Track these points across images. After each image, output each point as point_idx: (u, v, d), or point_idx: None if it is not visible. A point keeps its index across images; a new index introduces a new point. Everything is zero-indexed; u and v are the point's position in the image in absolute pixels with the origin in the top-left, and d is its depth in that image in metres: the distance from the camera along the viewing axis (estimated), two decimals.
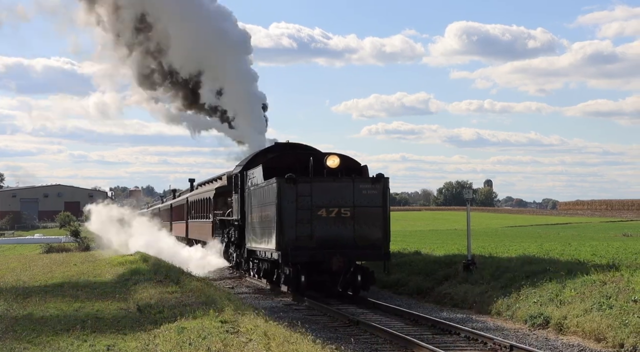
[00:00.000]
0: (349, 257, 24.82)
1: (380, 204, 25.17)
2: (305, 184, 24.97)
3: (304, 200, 24.87)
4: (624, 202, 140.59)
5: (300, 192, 24.88)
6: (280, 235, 24.85)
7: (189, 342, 13.24)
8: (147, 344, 13.59)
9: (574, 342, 16.99)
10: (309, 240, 24.83)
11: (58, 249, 60.82)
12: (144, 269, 28.42)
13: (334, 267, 24.58)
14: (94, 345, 13.81)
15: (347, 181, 25.28)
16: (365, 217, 25.04)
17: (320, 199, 24.94)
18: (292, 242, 24.77)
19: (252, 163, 30.00)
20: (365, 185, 25.20)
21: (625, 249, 31.56)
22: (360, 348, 16.43)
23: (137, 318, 16.84)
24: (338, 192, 25.04)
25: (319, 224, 24.86)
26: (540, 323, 18.93)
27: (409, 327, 19.41)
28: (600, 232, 64.34)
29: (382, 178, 25.20)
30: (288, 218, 24.80)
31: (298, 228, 24.80)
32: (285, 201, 24.86)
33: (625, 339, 15.92)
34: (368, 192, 25.15)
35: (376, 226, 25.12)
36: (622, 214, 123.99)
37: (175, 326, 14.97)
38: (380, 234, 25.12)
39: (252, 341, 13.17)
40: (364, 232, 25.02)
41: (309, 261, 24.86)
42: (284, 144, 30.55)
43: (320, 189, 24.99)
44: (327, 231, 24.88)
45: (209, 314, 15.90)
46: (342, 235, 24.95)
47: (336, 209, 24.98)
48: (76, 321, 16.68)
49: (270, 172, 26.73)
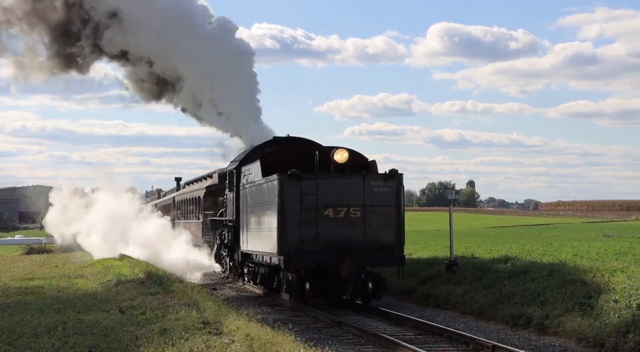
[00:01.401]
0: (360, 262, 21.70)
1: (393, 202, 22.06)
2: (311, 180, 21.81)
3: (308, 199, 21.72)
4: (604, 202, 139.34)
5: (304, 189, 21.73)
6: (283, 237, 21.71)
7: (172, 343, 12.88)
8: (129, 346, 13.26)
9: (556, 343, 16.62)
10: (315, 243, 21.69)
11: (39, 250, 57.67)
12: (127, 271, 26.96)
13: (343, 274, 21.45)
14: (75, 347, 13.41)
15: (356, 177, 22.14)
16: (377, 218, 21.94)
17: (327, 198, 21.80)
18: (295, 245, 21.64)
19: (249, 158, 26.81)
20: (377, 182, 22.08)
21: (606, 250, 30.80)
22: (343, 349, 16.05)
23: (119, 320, 16.30)
24: (347, 190, 21.92)
25: (325, 226, 21.72)
26: (522, 323, 18.59)
27: (391, 328, 18.90)
28: (581, 233, 63.34)
29: (396, 174, 22.08)
30: (291, 219, 21.66)
31: (302, 230, 21.66)
32: (288, 200, 21.72)
33: (606, 339, 15.63)
34: (380, 190, 22.03)
35: (389, 227, 22.01)
36: (602, 215, 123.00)
37: (158, 327, 14.65)
38: (394, 236, 22.01)
39: (235, 342, 12.91)
40: (375, 234, 21.91)
41: (314, 266, 21.71)
42: (283, 138, 27.35)
43: (327, 186, 21.86)
44: (334, 233, 21.75)
45: (192, 316, 15.54)
46: (352, 237, 21.83)
47: (345, 208, 21.85)
48: (57, 322, 16.17)
49: (269, 168, 23.56)
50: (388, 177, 22.05)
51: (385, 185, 22.04)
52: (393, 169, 22.07)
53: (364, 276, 21.87)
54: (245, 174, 26.03)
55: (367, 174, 22.35)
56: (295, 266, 21.63)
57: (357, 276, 21.73)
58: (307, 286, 21.85)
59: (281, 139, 27.29)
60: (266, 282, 25.14)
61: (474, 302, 21.60)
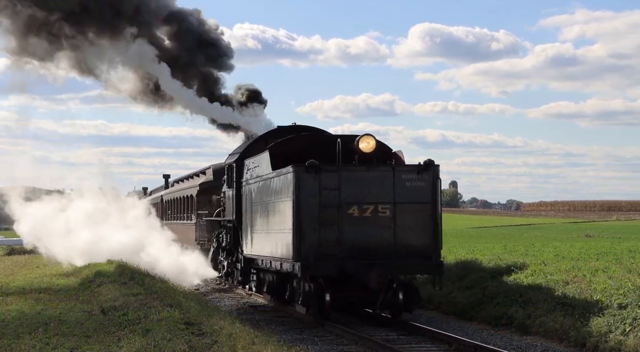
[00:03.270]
0: (391, 270, 17.70)
1: (429, 199, 18.05)
2: (332, 173, 17.78)
3: (329, 194, 17.70)
4: (586, 203, 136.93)
5: (325, 184, 17.71)
6: (299, 240, 17.68)
7: (154, 344, 12.48)
8: (111, 347, 12.81)
9: (537, 343, 16.16)
10: (337, 247, 17.67)
11: (20, 251, 53.64)
12: (109, 271, 25.01)
13: (372, 283, 17.43)
14: (57, 348, 13.01)
15: (385, 169, 18.13)
16: (409, 217, 17.93)
17: (351, 193, 17.79)
18: (314, 249, 17.62)
19: (252, 150, 22.72)
20: (409, 174, 18.05)
21: (588, 250, 30.17)
22: (326, 349, 15.53)
23: (101, 321, 15.78)
24: (374, 185, 17.92)
25: (349, 226, 17.71)
26: (504, 323, 18.07)
27: (373, 328, 17.82)
28: (563, 233, 62.69)
29: (432, 166, 18.08)
30: (309, 218, 17.64)
31: (322, 231, 17.64)
32: (304, 196, 17.70)
33: (587, 338, 15.28)
34: (413, 184, 18.01)
35: (424, 228, 18.01)
36: (584, 215, 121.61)
37: (140, 328, 14.11)
38: (429, 239, 18.01)
39: (218, 343, 12.57)
40: (408, 236, 17.91)
41: (337, 274, 17.70)
42: (289, 127, 23.25)
43: (350, 180, 17.85)
44: (360, 235, 17.75)
45: (174, 316, 15.02)
46: (380, 240, 17.82)
47: (372, 206, 17.83)
48: (39, 323, 15.62)
49: (279, 159, 19.51)
50: (422, 169, 18.04)
51: (419, 178, 18.03)
52: (429, 160, 18.07)
53: (395, 285, 17.85)
54: (249, 168, 21.94)
55: (399, 165, 18.34)
56: (314, 273, 17.61)
57: (388, 287, 17.72)
58: (328, 298, 17.84)
59: (287, 128, 23.19)
60: (274, 291, 21.09)
61: (457, 302, 20.58)
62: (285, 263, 18.59)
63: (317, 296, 17.84)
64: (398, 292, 17.94)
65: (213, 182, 30.05)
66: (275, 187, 19.17)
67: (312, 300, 17.85)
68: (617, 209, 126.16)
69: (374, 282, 17.38)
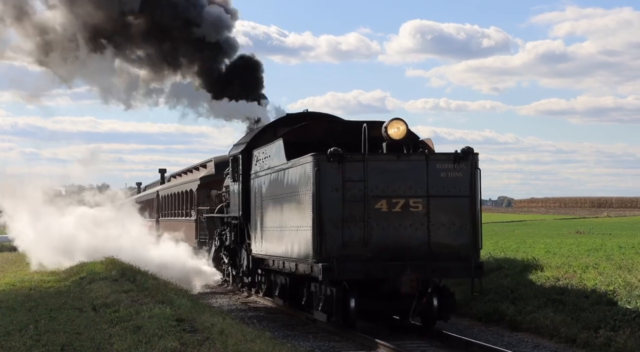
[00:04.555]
0: (425, 273, 15.17)
1: (467, 192, 15.55)
2: (357, 163, 15.27)
3: (354, 187, 15.20)
4: (576, 199, 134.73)
5: (349, 175, 15.20)
6: (320, 239, 15.15)
7: (145, 341, 12.07)
8: (102, 344, 12.45)
9: (528, 339, 15.66)
10: (363, 247, 15.18)
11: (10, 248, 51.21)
12: (100, 267, 23.98)
13: (404, 288, 14.91)
14: (48, 345, 12.60)
15: (418, 158, 15.62)
16: (445, 213, 15.45)
17: (378, 186, 15.30)
18: (337, 250, 15.12)
19: (260, 140, 20.17)
20: (445, 164, 15.52)
21: (578, 246, 29.58)
22: (317, 345, 14.84)
23: (92, 318, 15.49)
24: (405, 176, 15.42)
25: (377, 223, 15.23)
26: (495, 319, 17.43)
27: (366, 325, 16.61)
28: (553, 230, 60.36)
29: (471, 154, 15.57)
30: (331, 214, 15.16)
31: (346, 229, 15.15)
32: (326, 189, 15.20)
33: (578, 334, 14.95)
34: (449, 175, 15.50)
35: (462, 225, 15.51)
36: (575, 212, 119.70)
37: (131, 325, 13.70)
38: (468, 238, 15.50)
39: (209, 339, 12.06)
40: (443, 234, 15.41)
41: (363, 278, 15.18)
42: (301, 114, 20.66)
43: (378, 170, 15.34)
44: (389, 234, 15.27)
45: (166, 313, 14.53)
46: (412, 239, 15.33)
47: (402, 200, 15.32)
48: (29, 320, 15.31)
49: (294, 148, 16.99)
50: (460, 158, 15.51)
51: (455, 168, 15.51)
52: (467, 147, 15.55)
53: (430, 290, 15.33)
54: (258, 159, 19.38)
55: (433, 153, 15.82)
56: (337, 277, 15.08)
57: (422, 292, 15.19)
58: (353, 304, 15.31)
59: (299, 116, 20.62)
60: (287, 295, 18.56)
61: None
62: (302, 264, 16.10)
63: (341, 302, 15.32)
64: (432, 297, 15.42)
65: (215, 175, 27.45)
66: (291, 179, 16.65)
67: (336, 306, 15.33)
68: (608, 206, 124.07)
69: (406, 286, 14.88)
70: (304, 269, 16.13)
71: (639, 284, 17.54)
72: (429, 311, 15.51)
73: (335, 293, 15.32)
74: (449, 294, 15.69)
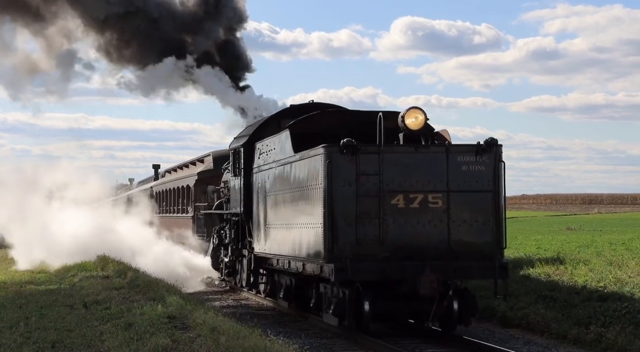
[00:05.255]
0: (445, 273, 13.87)
1: (490, 186, 14.25)
2: (372, 155, 13.96)
3: (369, 181, 13.90)
4: (567, 196, 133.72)
5: (363, 168, 13.90)
6: (332, 238, 13.84)
7: (137, 338, 11.88)
8: (93, 341, 12.22)
9: (519, 335, 15.37)
10: (378, 246, 13.88)
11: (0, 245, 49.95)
12: (91, 264, 23.67)
13: (423, 290, 13.61)
14: (38, 342, 12.34)
15: (437, 150, 14.32)
16: (466, 209, 14.15)
17: (395, 180, 14.01)
18: (350, 249, 13.82)
19: (263, 131, 18.82)
20: (466, 156, 14.22)
21: (569, 243, 29.68)
22: (309, 342, 14.26)
23: (83, 315, 15.09)
24: (423, 169, 14.12)
25: (393, 220, 13.93)
26: (487, 316, 16.97)
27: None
28: (544, 226, 60.49)
29: (495, 146, 14.27)
30: (343, 210, 13.87)
31: (360, 227, 13.85)
32: (338, 183, 13.90)
33: (568, 330, 14.60)
34: (471, 169, 14.20)
35: (484, 222, 14.21)
36: (565, 208, 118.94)
37: (123, 322, 13.36)
38: (491, 235, 14.21)
39: (201, 337, 11.84)
40: (465, 232, 14.12)
41: (379, 279, 13.87)
42: (307, 105, 19.30)
43: (394, 163, 14.05)
44: (406, 231, 13.97)
45: (157, 310, 14.12)
46: (431, 237, 14.04)
47: (420, 195, 14.02)
48: (20, 317, 14.93)
49: (301, 140, 15.69)
50: (482, 150, 14.20)
51: (478, 161, 14.21)
52: (490, 138, 14.24)
53: (451, 292, 14.01)
54: (262, 152, 18.05)
55: (453, 145, 14.50)
56: (351, 278, 13.77)
57: (443, 294, 13.89)
58: (367, 307, 13.99)
59: (304, 106, 19.26)
60: (292, 297, 17.25)
61: None
62: (311, 264, 14.82)
63: (353, 305, 14.02)
64: (453, 300, 14.12)
65: (213, 170, 26.10)
66: (299, 173, 15.33)
67: (349, 309, 14.02)
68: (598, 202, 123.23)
69: (425, 288, 13.58)
70: (313, 269, 14.84)
71: (629, 280, 17.34)
72: (449, 314, 14.21)
73: (348, 295, 14.02)
74: (470, 297, 14.39)
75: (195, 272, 24.79)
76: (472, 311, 14.38)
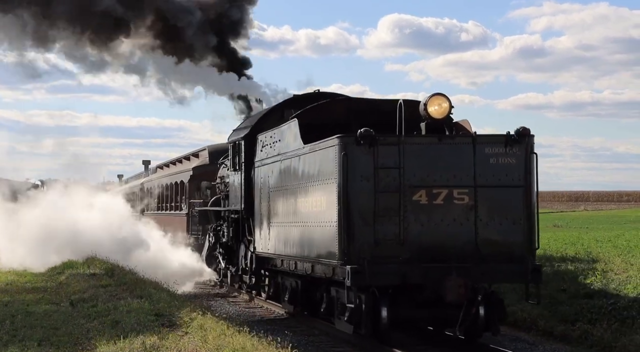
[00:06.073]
0: (473, 277, 12.37)
1: (521, 181, 12.75)
2: (391, 146, 12.44)
3: (388, 175, 12.38)
4: (554, 193, 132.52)
5: (382, 160, 12.38)
6: (348, 238, 12.31)
7: (123, 336, 11.61)
8: (80, 339, 12.05)
9: (506, 332, 14.58)
10: (399, 247, 12.35)
11: None
12: (77, 262, 22.96)
13: (450, 296, 12.11)
14: (25, 340, 12.13)
15: (463, 140, 12.81)
16: (495, 206, 12.63)
17: (417, 174, 12.48)
18: (368, 250, 12.29)
19: (266, 122, 17.29)
20: (495, 148, 12.71)
21: (556, 240, 29.13)
22: (296, 340, 13.82)
23: (69, 312, 14.76)
24: (448, 162, 12.61)
25: (415, 218, 12.41)
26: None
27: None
28: None
29: (527, 136, 12.77)
30: (360, 207, 12.35)
31: (379, 225, 12.32)
32: (355, 177, 12.37)
33: (555, 327, 14.59)
34: (500, 161, 12.71)
35: (515, 220, 12.71)
36: (552, 206, 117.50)
37: (110, 319, 13.26)
38: (522, 235, 12.72)
39: (188, 334, 11.72)
40: (493, 231, 12.61)
41: (399, 283, 12.36)
42: (312, 95, 17.73)
43: (416, 155, 12.53)
44: (429, 230, 12.45)
45: (144, 308, 14.12)
46: (456, 237, 12.52)
47: (445, 190, 12.51)
48: (6, 315, 14.53)
49: (310, 131, 14.18)
50: (514, 141, 12.71)
51: (507, 153, 12.71)
52: (522, 128, 12.75)
53: (480, 298, 12.51)
54: (265, 144, 16.50)
55: (481, 135, 12.98)
56: (370, 282, 12.25)
57: (471, 300, 12.38)
58: (385, 314, 12.48)
59: (309, 96, 17.71)
60: (298, 300, 15.74)
61: None
62: (321, 266, 13.38)
63: (370, 312, 12.51)
64: (479, 306, 12.62)
65: (209, 165, 24.53)
66: (309, 166, 13.81)
67: (365, 316, 12.51)
68: (585, 200, 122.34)
69: (452, 294, 12.08)
70: (324, 272, 13.37)
71: (615, 277, 17.07)
72: (475, 321, 12.71)
73: (365, 301, 12.51)
74: (498, 301, 12.90)
75: (189, 272, 23.19)
76: (500, 316, 12.88)
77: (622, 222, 57.52)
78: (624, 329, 13.53)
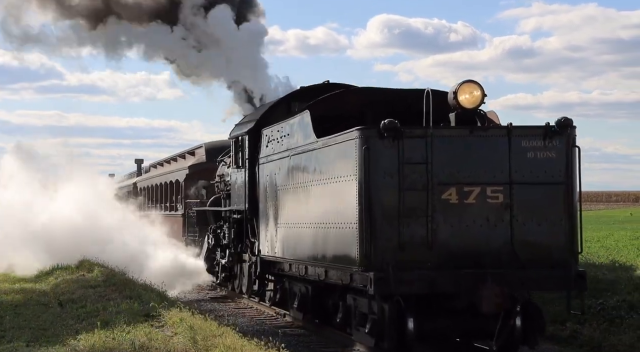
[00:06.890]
0: (511, 285, 10.93)
1: (561, 177, 11.33)
2: (418, 139, 11.00)
3: (414, 171, 10.94)
4: None
5: (408, 155, 10.93)
6: (370, 241, 10.87)
7: (113, 336, 11.43)
8: (68, 340, 11.71)
9: None
10: (426, 251, 10.93)
11: None
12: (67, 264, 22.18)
13: (486, 306, 10.68)
14: (13, 341, 11.96)
15: (497, 133, 11.38)
16: (533, 205, 11.22)
17: (446, 170, 11.06)
18: (392, 254, 10.85)
19: (272, 116, 15.84)
20: (533, 141, 11.29)
21: None
22: (287, 340, 12.70)
23: (58, 313, 14.52)
24: (480, 156, 11.19)
25: (444, 219, 10.99)
26: None
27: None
28: None
29: (569, 127, 11.35)
30: (383, 207, 10.93)
31: (404, 227, 10.89)
32: (378, 174, 10.91)
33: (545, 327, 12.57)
34: (538, 155, 11.29)
35: (555, 221, 11.29)
36: None
37: (99, 320, 12.79)
38: (563, 237, 11.31)
39: (178, 335, 11.49)
40: (531, 233, 11.19)
41: (428, 292, 10.92)
42: (321, 87, 16.25)
43: (445, 149, 11.10)
44: (460, 232, 11.03)
45: (134, 308, 13.84)
46: (491, 240, 11.09)
47: (477, 188, 11.07)
48: None
49: (323, 123, 12.75)
50: (553, 133, 11.29)
51: (546, 147, 11.29)
52: (564, 118, 11.33)
53: (518, 308, 11.06)
54: (271, 139, 15.04)
55: (517, 127, 11.53)
56: (395, 291, 10.80)
57: (509, 310, 10.94)
58: (411, 325, 11.02)
59: (319, 87, 16.25)
60: (309, 307, 14.28)
61: None
62: (336, 271, 11.95)
63: (394, 322, 11.06)
64: (516, 315, 11.18)
65: (206, 163, 23.06)
66: (323, 162, 12.36)
67: (389, 328, 11.05)
68: None
69: (489, 304, 10.65)
70: (340, 278, 11.91)
71: (603, 277, 16.75)
72: (511, 332, 11.27)
73: (389, 311, 11.05)
74: (537, 311, 11.46)
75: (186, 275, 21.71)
76: (539, 327, 11.44)
77: (610, 222, 57.35)
78: (613, 328, 13.26)
